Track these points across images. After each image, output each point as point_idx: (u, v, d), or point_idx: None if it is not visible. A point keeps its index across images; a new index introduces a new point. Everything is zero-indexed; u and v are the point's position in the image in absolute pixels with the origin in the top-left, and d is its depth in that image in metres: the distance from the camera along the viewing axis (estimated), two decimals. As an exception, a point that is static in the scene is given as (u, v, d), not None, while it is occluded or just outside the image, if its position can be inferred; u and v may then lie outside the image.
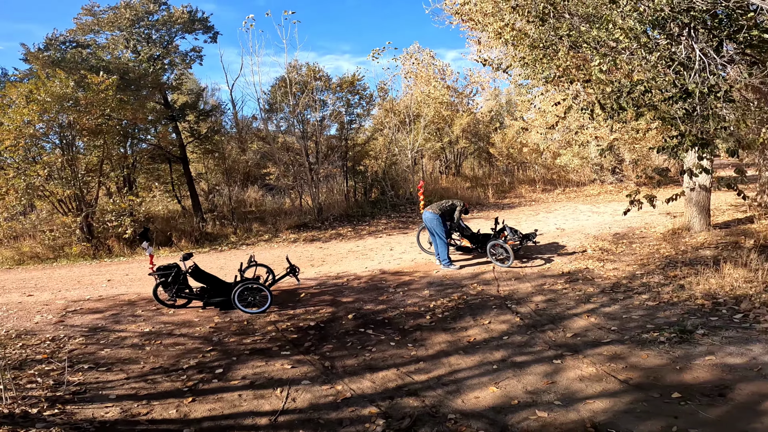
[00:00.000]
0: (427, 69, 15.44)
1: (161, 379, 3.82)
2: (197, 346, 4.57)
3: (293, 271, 6.07)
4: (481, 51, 7.03)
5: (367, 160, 14.03)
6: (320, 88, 12.65)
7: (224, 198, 13.17)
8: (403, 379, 3.63)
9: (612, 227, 8.59)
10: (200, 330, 5.05)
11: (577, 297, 5.34)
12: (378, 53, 13.16)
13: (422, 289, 6.04)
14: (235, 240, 10.29)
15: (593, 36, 4.85)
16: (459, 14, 6.41)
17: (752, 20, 3.99)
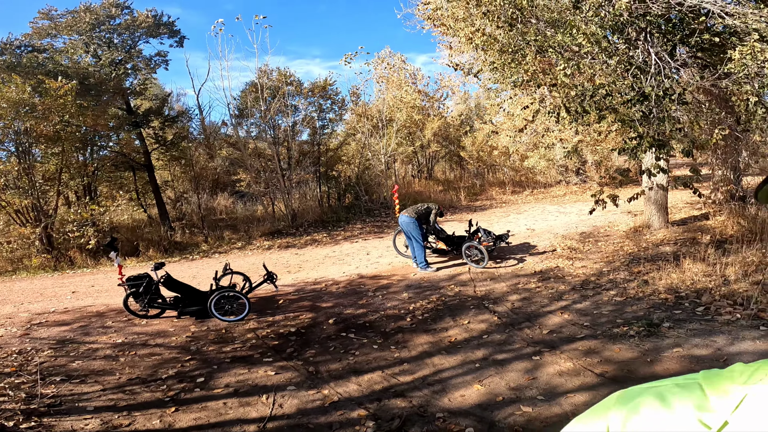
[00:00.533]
0: (398, 73, 15.60)
1: (140, 389, 3.70)
2: (175, 356, 4.44)
3: (271, 278, 5.98)
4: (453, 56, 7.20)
5: (340, 166, 14.00)
6: (292, 93, 12.56)
7: (193, 206, 12.81)
8: (389, 380, 3.64)
9: (578, 226, 8.92)
10: (176, 339, 4.91)
11: (550, 295, 5.50)
12: (350, 58, 13.18)
13: (401, 292, 6.07)
14: (206, 248, 10.02)
15: (558, 41, 5.05)
16: (431, 19, 6.54)
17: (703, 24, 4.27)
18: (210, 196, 13.86)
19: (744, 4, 3.73)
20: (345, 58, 13.34)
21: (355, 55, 13.68)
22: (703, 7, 3.92)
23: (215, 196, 14.11)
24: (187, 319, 5.47)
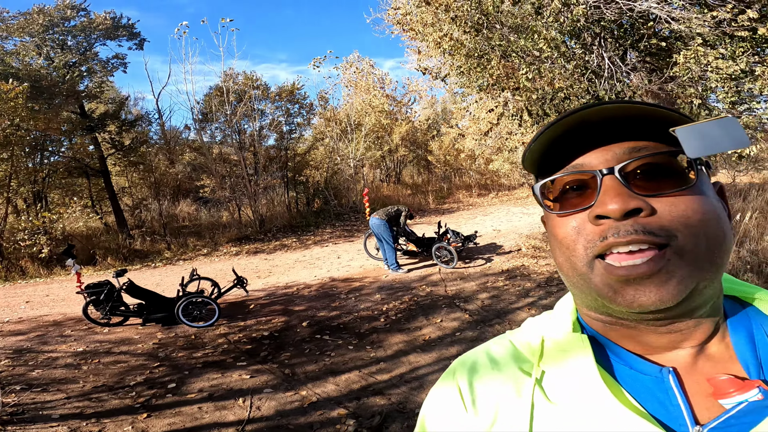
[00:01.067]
0: (367, 78, 15.66)
1: (107, 396, 3.56)
2: (142, 363, 4.29)
3: (241, 283, 5.85)
4: (421, 60, 7.33)
5: (309, 170, 13.88)
6: (258, 97, 12.38)
7: (153, 213, 12.33)
8: (367, 380, 3.64)
9: (541, 227, 9.22)
10: (143, 347, 4.74)
11: (518, 292, 5.68)
12: (319, 62, 13.14)
13: (374, 294, 6.09)
14: (169, 256, 9.66)
15: (521, 46, 5.27)
16: (400, 24, 6.64)
17: (651, 29, 4.57)
18: (171, 203, 13.38)
19: (689, 9, 4.02)
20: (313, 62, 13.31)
21: (324, 59, 13.65)
22: (651, 12, 4.18)
23: (177, 203, 13.63)
24: (153, 327, 5.29)
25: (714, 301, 0.47)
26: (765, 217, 6.50)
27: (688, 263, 0.42)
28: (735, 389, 0.43)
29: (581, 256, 0.45)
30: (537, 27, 4.83)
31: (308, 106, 13.21)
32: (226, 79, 11.99)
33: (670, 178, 0.44)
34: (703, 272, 0.43)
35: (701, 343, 0.46)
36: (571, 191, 0.48)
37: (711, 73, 4.33)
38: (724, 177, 10.86)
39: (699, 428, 0.43)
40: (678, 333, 0.46)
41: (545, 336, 0.53)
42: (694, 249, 0.42)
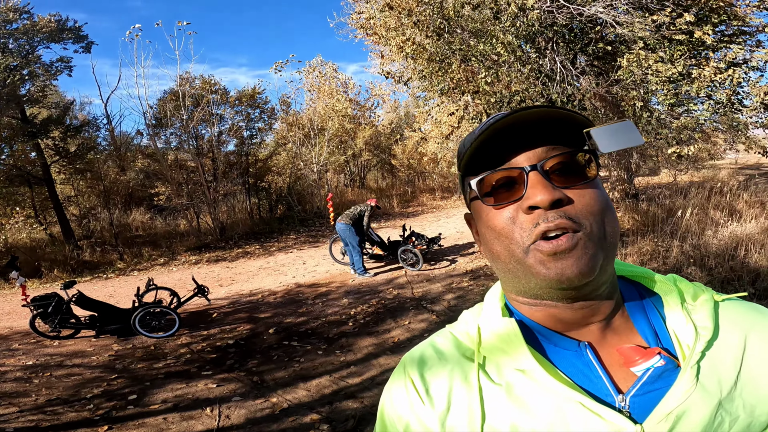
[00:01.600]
0: (330, 82, 15.54)
1: (63, 410, 3.38)
2: (98, 375, 4.08)
3: (201, 292, 5.63)
4: (384, 64, 7.38)
5: (271, 176, 13.59)
6: (217, 102, 12.01)
7: (103, 222, 11.65)
8: (338, 384, 3.59)
9: (504, 227, 9.50)
10: (98, 359, 4.52)
11: (482, 291, 5.79)
12: (281, 65, 12.86)
13: (341, 298, 6.04)
14: (122, 266, 9.16)
15: (480, 50, 5.41)
16: (364, 28, 6.66)
17: (598, 33, 4.83)
18: (123, 212, 12.69)
19: (632, 14, 4.27)
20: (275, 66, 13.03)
21: (286, 63, 13.40)
22: (598, 16, 4.42)
23: (129, 212, 12.95)
24: (108, 338, 5.06)
25: (612, 279, 0.55)
26: (705, 213, 6.98)
27: (594, 244, 0.50)
28: (640, 357, 0.51)
29: (518, 242, 0.51)
30: (495, 32, 4.98)
31: (270, 111, 12.99)
32: (182, 83, 11.57)
33: (577, 174, 0.52)
34: (606, 251, 0.51)
35: (607, 318, 0.55)
36: (501, 187, 0.54)
37: (651, 76, 4.61)
38: (666, 176, 11.59)
39: (623, 396, 0.51)
40: (588, 309, 0.53)
41: (480, 324, 0.58)
42: (598, 232, 0.50)
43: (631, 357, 0.51)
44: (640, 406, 0.50)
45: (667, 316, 0.56)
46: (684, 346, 0.53)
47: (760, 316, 0.56)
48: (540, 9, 4.36)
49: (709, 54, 4.55)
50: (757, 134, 5.91)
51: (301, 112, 15.04)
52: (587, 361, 0.53)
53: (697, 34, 4.09)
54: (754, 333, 0.54)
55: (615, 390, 0.51)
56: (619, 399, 0.50)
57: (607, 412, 0.49)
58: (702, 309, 0.55)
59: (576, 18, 4.57)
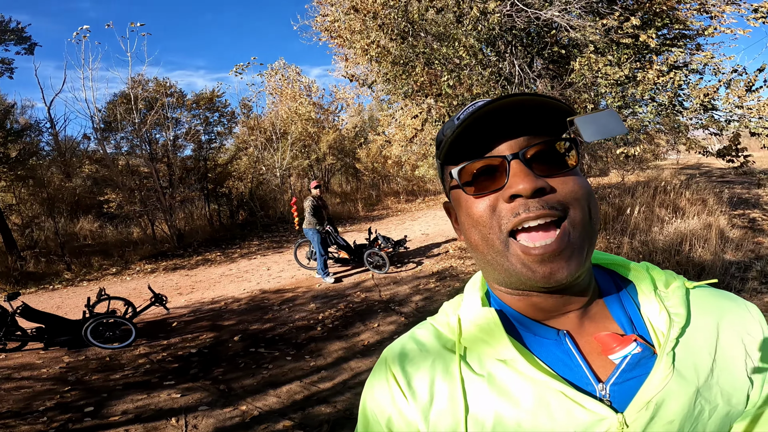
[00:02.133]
0: (293, 85, 15.28)
1: (15, 423, 3.15)
2: (50, 388, 3.82)
3: (159, 300, 5.37)
4: (348, 67, 7.36)
5: (231, 182, 13.19)
6: (173, 105, 11.53)
7: (47, 232, 10.86)
8: (309, 389, 3.50)
9: (469, 228, 9.69)
10: (48, 371, 4.23)
11: (449, 292, 5.86)
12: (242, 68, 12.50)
13: (308, 303, 5.93)
14: (70, 277, 8.58)
15: (443, 53, 5.52)
16: (328, 31, 6.61)
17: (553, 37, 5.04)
18: (70, 220, 11.89)
19: (584, 18, 4.49)
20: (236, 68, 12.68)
21: (248, 65, 13.04)
22: (554, 20, 4.62)
23: (76, 220, 12.15)
24: (59, 350, 4.76)
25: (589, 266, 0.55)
26: (651, 211, 7.42)
27: (580, 233, 0.50)
28: (617, 344, 0.51)
29: (497, 232, 0.51)
30: (458, 35, 5.09)
31: (230, 115, 12.60)
32: (134, 85, 11.03)
33: (559, 162, 0.52)
34: (591, 238, 0.51)
35: (584, 306, 0.55)
36: (482, 176, 0.52)
37: (601, 79, 4.85)
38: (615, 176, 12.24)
39: (603, 385, 0.51)
40: (566, 297, 0.53)
41: (461, 315, 0.58)
42: (582, 219, 0.50)
43: (609, 344, 0.51)
44: (620, 395, 0.50)
45: (642, 304, 0.56)
46: (659, 334, 0.53)
47: (731, 302, 0.57)
48: (500, 12, 4.50)
49: (653, 57, 4.85)
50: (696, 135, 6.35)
51: (263, 116, 14.72)
52: (566, 349, 0.53)
53: (642, 38, 4.34)
54: (725, 320, 0.55)
55: (595, 379, 0.51)
56: (599, 388, 0.51)
57: (588, 401, 0.49)
58: (674, 296, 0.56)
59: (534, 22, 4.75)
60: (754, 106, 4.81)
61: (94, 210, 12.86)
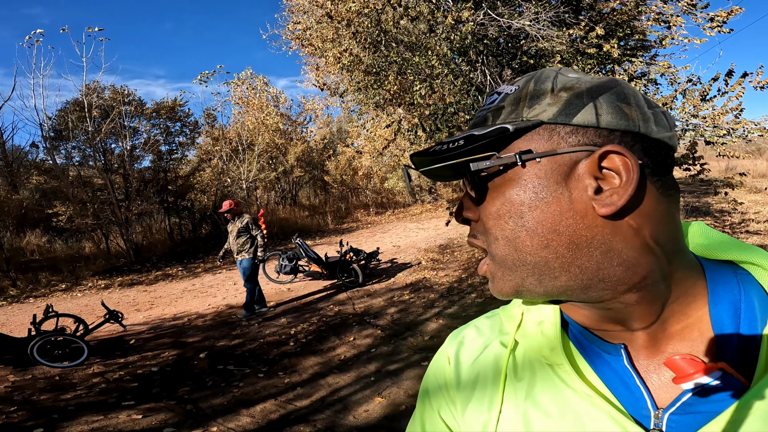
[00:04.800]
0: (260, 96, 14.91)
1: None
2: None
3: (114, 317, 4.99)
4: (319, 76, 7.27)
5: (194, 194, 12.66)
6: (130, 114, 11.00)
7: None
8: (285, 407, 3.28)
9: (437, 240, 9.73)
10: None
11: (423, 304, 5.80)
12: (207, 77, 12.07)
13: (278, 318, 5.70)
14: (15, 293, 7.91)
15: (415, 63, 5.55)
16: (299, 39, 6.50)
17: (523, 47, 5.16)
18: (16, 235, 11.00)
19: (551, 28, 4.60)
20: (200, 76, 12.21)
21: (213, 74, 12.55)
22: (524, 30, 4.71)
23: (23, 234, 11.26)
24: (3, 369, 4.39)
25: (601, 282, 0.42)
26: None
27: (499, 266, 0.45)
28: (695, 371, 0.39)
29: None
30: (430, 44, 5.12)
31: (192, 125, 12.16)
32: (89, 92, 10.45)
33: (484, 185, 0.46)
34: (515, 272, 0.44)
35: (648, 326, 0.43)
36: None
37: (566, 89, 4.99)
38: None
39: (659, 412, 0.42)
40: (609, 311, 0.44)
41: (525, 308, 0.53)
42: (498, 253, 0.44)
43: (684, 371, 0.40)
44: (679, 427, 0.40)
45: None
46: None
47: None
48: (474, 22, 4.56)
49: (615, 67, 5.04)
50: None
51: (229, 126, 14.27)
52: (623, 366, 0.44)
53: (605, 48, 4.50)
54: None
55: (653, 404, 0.42)
56: (654, 414, 0.42)
57: (631, 425, 0.41)
58: None
59: (504, 31, 4.84)
60: (709, 115, 5.06)
61: (42, 224, 11.97)
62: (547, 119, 0.41)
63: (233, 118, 14.98)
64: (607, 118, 0.40)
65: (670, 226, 0.43)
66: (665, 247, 0.42)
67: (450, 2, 4.82)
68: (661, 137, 0.42)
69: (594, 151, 0.40)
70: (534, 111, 0.42)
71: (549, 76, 0.43)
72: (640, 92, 0.44)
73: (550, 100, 0.42)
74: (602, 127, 0.40)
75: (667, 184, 0.43)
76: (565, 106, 0.41)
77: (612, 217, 0.40)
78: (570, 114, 0.41)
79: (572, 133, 0.41)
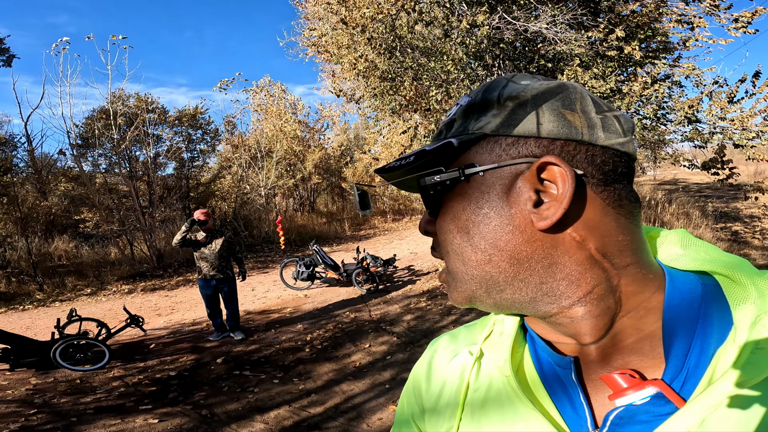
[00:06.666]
0: (278, 103, 15.09)
1: None
2: (15, 410, 3.58)
3: (135, 322, 5.09)
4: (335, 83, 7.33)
5: (214, 201, 12.88)
6: (154, 121, 11.30)
7: (20, 251, 10.36)
8: (299, 414, 3.27)
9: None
10: (13, 393, 3.98)
11: (440, 311, 5.73)
12: (227, 84, 12.27)
13: (295, 324, 5.72)
14: (42, 297, 8.16)
15: (431, 68, 5.53)
16: (315, 46, 6.58)
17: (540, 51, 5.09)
18: (44, 240, 11.39)
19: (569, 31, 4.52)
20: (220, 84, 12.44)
21: (232, 81, 12.75)
22: (541, 33, 4.64)
23: (51, 240, 11.65)
24: (25, 372, 4.50)
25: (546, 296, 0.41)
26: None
27: (452, 278, 0.45)
28: (630, 387, 0.38)
29: None
30: (445, 49, 5.10)
31: (213, 132, 12.39)
32: (114, 100, 10.79)
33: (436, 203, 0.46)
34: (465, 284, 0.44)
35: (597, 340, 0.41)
36: None
37: (587, 92, 4.90)
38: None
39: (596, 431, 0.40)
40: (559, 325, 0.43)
41: (497, 318, 0.52)
42: (449, 266, 0.45)
43: (618, 386, 0.38)
44: None
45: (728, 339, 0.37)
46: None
47: None
48: (489, 25, 4.52)
49: (637, 69, 4.91)
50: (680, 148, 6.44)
51: (248, 134, 14.48)
52: (571, 380, 0.43)
53: (627, 50, 4.39)
54: None
55: (593, 422, 0.40)
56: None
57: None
58: None
59: (521, 35, 4.78)
60: (737, 118, 4.88)
61: (70, 229, 12.38)
62: (490, 131, 0.41)
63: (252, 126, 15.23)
64: (548, 127, 0.39)
65: (622, 238, 0.40)
66: (614, 260, 0.40)
67: (465, 6, 4.79)
68: (609, 144, 0.40)
69: (533, 162, 0.39)
70: (479, 123, 0.41)
71: (498, 86, 0.42)
72: (591, 95, 0.42)
73: (495, 111, 0.41)
74: (542, 137, 0.39)
75: (618, 194, 0.40)
76: (508, 116, 0.40)
77: (551, 230, 0.39)
78: (512, 125, 0.40)
79: (513, 145, 0.40)
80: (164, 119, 11.52)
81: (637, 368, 0.40)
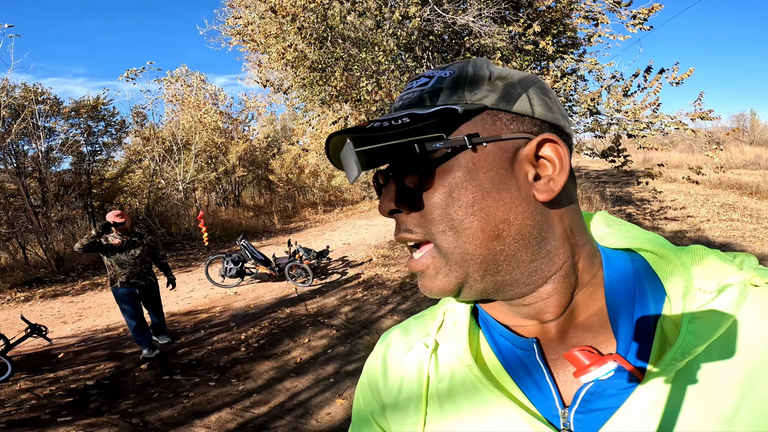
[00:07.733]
0: (197, 93, 13.97)
1: None
2: None
3: (37, 331, 4.50)
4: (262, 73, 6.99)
5: (123, 197, 11.71)
6: (45, 113, 9.96)
7: None
8: (243, 415, 3.12)
9: (386, 236, 9.78)
10: None
11: (377, 301, 5.81)
12: (135, 74, 11.03)
13: (227, 323, 5.44)
14: None
15: (362, 59, 5.53)
16: (240, 35, 6.20)
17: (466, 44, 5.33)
18: None
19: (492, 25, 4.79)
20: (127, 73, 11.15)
21: (142, 70, 11.43)
22: (468, 26, 4.86)
23: None
24: None
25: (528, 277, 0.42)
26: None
27: (446, 260, 0.42)
28: (592, 363, 0.39)
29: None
30: (377, 40, 5.13)
31: (119, 124, 11.20)
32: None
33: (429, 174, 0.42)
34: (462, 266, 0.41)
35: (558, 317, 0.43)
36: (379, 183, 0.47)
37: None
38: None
39: (565, 411, 0.41)
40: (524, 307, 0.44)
41: (447, 307, 0.52)
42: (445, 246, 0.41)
43: (581, 363, 0.39)
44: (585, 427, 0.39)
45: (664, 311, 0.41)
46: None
47: None
48: (420, 17, 4.62)
49: (549, 63, 5.35)
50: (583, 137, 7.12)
51: (161, 126, 13.31)
52: (535, 362, 0.43)
53: (541, 45, 4.76)
54: None
55: (560, 402, 0.41)
56: (562, 413, 0.40)
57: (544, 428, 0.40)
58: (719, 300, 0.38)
59: (449, 27, 4.96)
60: (630, 110, 5.52)
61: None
62: (490, 104, 0.41)
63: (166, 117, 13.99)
64: (539, 110, 0.42)
65: (577, 216, 0.44)
66: (577, 238, 0.43)
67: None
68: (569, 132, 0.45)
69: (531, 138, 0.41)
70: (476, 95, 0.42)
71: (483, 64, 0.44)
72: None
73: (489, 87, 0.42)
74: (536, 117, 0.42)
75: (573, 176, 0.44)
76: (503, 93, 0.42)
77: (548, 204, 0.41)
78: (510, 101, 0.42)
79: (513, 121, 0.41)
80: (58, 111, 10.20)
81: (591, 344, 0.41)
